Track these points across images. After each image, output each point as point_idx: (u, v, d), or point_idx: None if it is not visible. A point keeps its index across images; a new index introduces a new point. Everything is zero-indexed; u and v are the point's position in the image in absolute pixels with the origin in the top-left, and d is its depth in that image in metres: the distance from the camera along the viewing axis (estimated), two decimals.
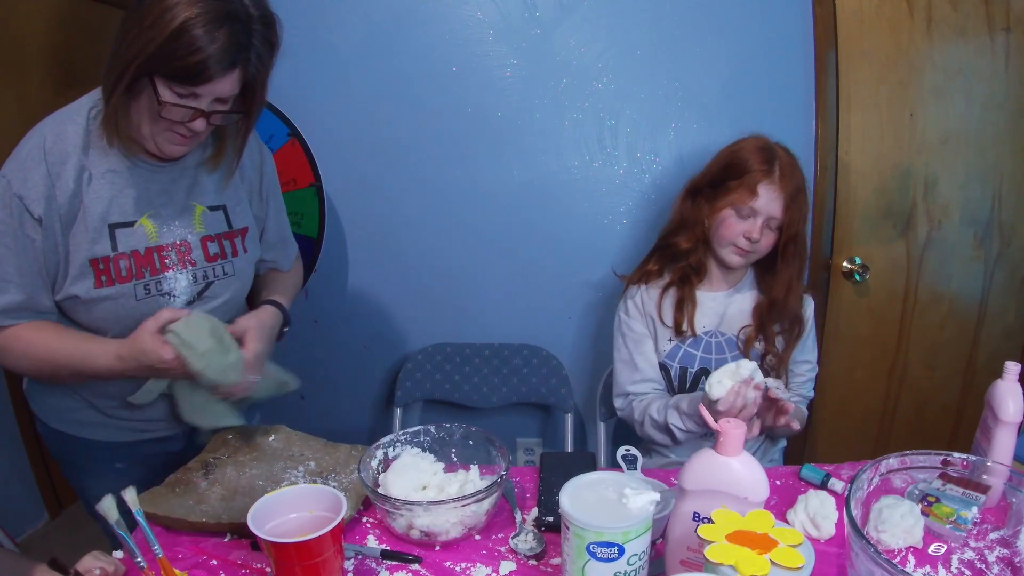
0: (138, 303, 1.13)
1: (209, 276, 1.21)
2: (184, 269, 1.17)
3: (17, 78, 1.98)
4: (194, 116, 1.03)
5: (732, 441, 0.81)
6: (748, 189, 1.36)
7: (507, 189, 1.91)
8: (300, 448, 1.19)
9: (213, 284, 1.21)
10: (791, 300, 1.44)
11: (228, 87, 1.03)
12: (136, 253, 1.12)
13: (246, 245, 1.27)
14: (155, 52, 0.96)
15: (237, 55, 1.00)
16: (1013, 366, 1.07)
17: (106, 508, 0.84)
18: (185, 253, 1.17)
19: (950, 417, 2.12)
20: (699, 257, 1.47)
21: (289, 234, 1.44)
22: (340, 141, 1.89)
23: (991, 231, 1.94)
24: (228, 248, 1.23)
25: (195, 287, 1.19)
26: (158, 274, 1.14)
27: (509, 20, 1.79)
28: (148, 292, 1.14)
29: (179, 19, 0.94)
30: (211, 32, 0.96)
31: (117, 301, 1.11)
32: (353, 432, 2.15)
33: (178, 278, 1.17)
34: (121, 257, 1.10)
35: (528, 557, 0.99)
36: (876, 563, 0.77)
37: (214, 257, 1.21)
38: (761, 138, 1.42)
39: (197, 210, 1.19)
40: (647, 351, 1.50)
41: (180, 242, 1.17)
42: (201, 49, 0.96)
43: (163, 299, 1.15)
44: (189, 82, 0.99)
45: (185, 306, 1.18)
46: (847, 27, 1.80)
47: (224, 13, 0.97)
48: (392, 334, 2.05)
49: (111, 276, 1.10)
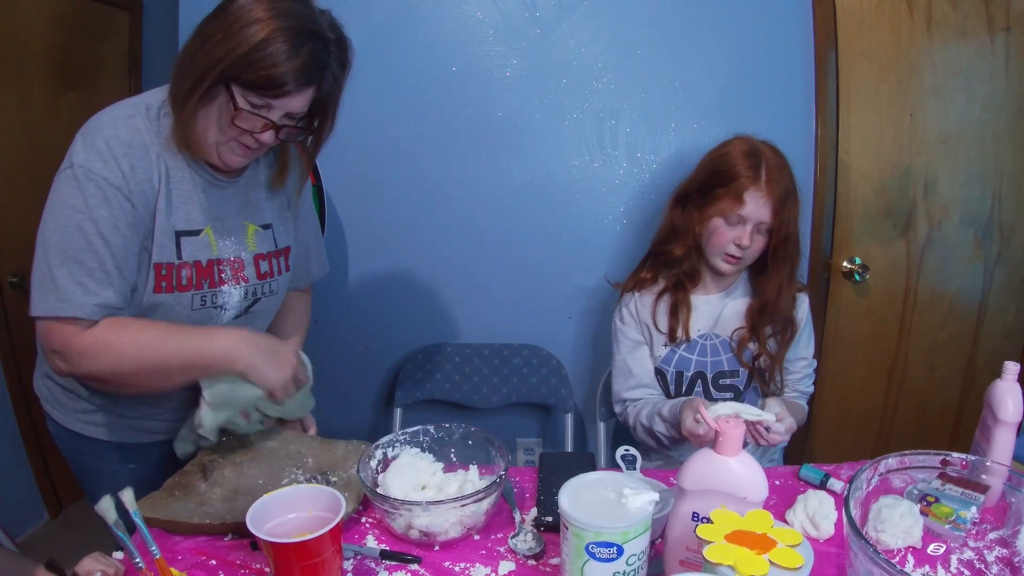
0: (192, 313, 1.13)
1: (258, 293, 1.22)
2: (238, 285, 1.18)
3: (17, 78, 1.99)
4: (264, 127, 1.04)
5: (731, 441, 0.81)
6: (735, 197, 1.35)
7: (507, 189, 1.91)
8: (297, 446, 1.19)
9: (260, 300, 1.23)
10: (782, 302, 1.43)
11: (301, 103, 1.04)
12: (198, 264, 1.12)
13: (288, 264, 1.29)
14: (238, 60, 0.96)
15: (315, 72, 1.02)
16: (1013, 366, 1.07)
17: (104, 509, 0.84)
18: (239, 269, 1.18)
19: (950, 417, 2.12)
20: (692, 263, 1.47)
21: (314, 254, 1.42)
22: (340, 141, 1.87)
23: (991, 231, 1.94)
24: (275, 267, 1.25)
25: (245, 303, 1.21)
26: (215, 287, 1.15)
27: (509, 20, 1.79)
28: (203, 303, 1.14)
29: (266, 31, 0.96)
30: (295, 48, 0.97)
31: (172, 309, 1.11)
32: (353, 432, 2.13)
33: (232, 292, 1.17)
34: (184, 266, 1.10)
35: (527, 557, 0.99)
36: (875, 563, 0.77)
37: (264, 275, 1.23)
38: (747, 140, 1.40)
39: (250, 229, 1.20)
40: (642, 357, 1.50)
41: (234, 258, 1.17)
42: (283, 63, 0.97)
43: (215, 311, 1.16)
44: (267, 93, 1.00)
45: (232, 320, 1.19)
46: (847, 27, 1.80)
47: (308, 31, 0.99)
48: (392, 334, 2.05)
49: (171, 283, 1.09)
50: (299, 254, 1.37)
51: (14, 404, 2.18)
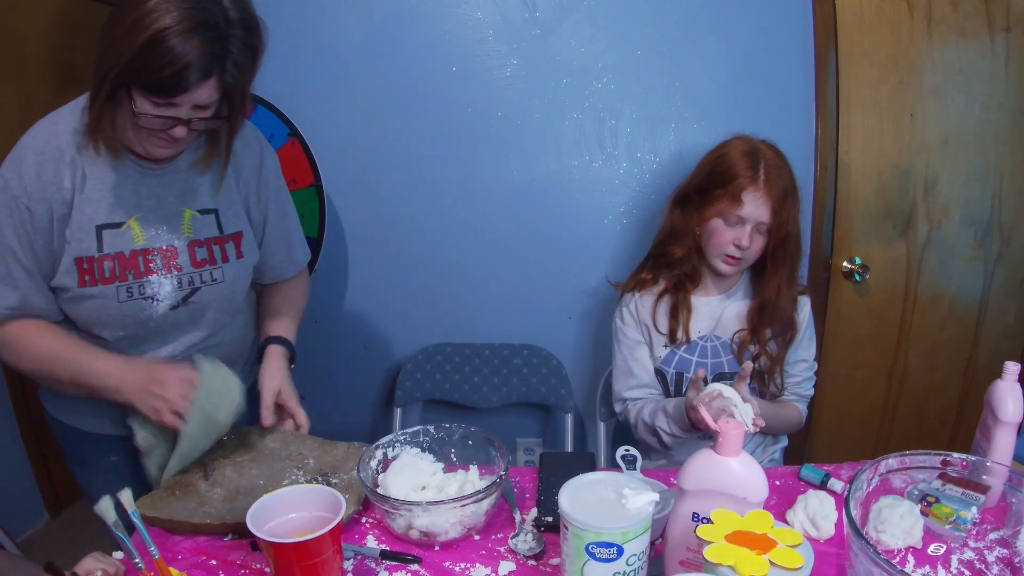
0: (120, 305, 1.13)
1: (195, 282, 1.19)
2: (169, 274, 1.16)
3: (17, 78, 1.99)
4: (173, 124, 1.03)
5: (731, 441, 0.81)
6: (733, 197, 1.34)
7: (507, 189, 1.91)
8: (298, 447, 1.19)
9: (199, 290, 1.20)
10: (781, 303, 1.42)
11: (206, 95, 1.01)
12: (120, 255, 1.12)
13: (241, 250, 1.25)
14: (129, 63, 0.94)
15: (212, 64, 0.98)
16: (1013, 366, 1.06)
17: (104, 509, 0.84)
18: (171, 258, 1.16)
19: (950, 417, 2.12)
20: (693, 264, 1.46)
21: (296, 239, 1.40)
22: (340, 141, 1.89)
23: (991, 231, 1.94)
24: (218, 254, 1.21)
25: (180, 292, 1.18)
26: (141, 277, 1.14)
27: (509, 20, 1.79)
28: (131, 295, 1.13)
29: (151, 29, 0.92)
30: (185, 42, 0.94)
31: (99, 301, 1.12)
32: (353, 432, 2.14)
33: (162, 283, 1.15)
34: (105, 258, 1.11)
35: (527, 557, 0.99)
36: (875, 563, 0.77)
37: (201, 263, 1.19)
38: (745, 140, 1.40)
39: (186, 215, 1.18)
40: (642, 358, 1.50)
41: (167, 247, 1.16)
42: (175, 60, 0.94)
43: (146, 303, 1.15)
44: (165, 93, 0.98)
45: (169, 311, 1.17)
46: (847, 27, 1.80)
47: (198, 22, 0.95)
48: (392, 334, 2.05)
49: (94, 276, 1.10)
50: (277, 238, 1.35)
51: (14, 404, 2.18)
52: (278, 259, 1.37)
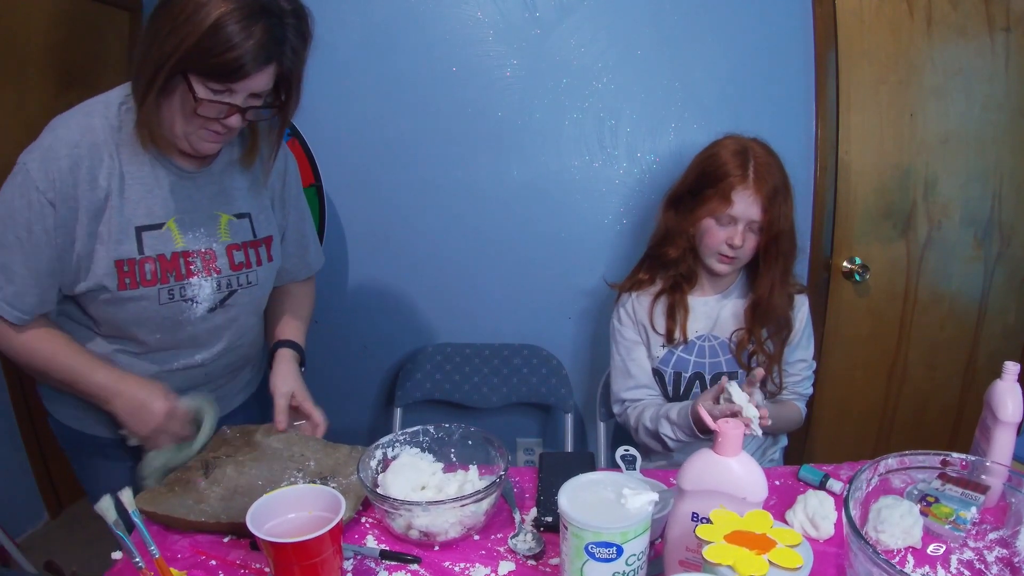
0: (161, 307, 1.13)
1: (233, 285, 1.20)
2: (209, 276, 1.17)
3: (17, 78, 1.99)
4: (229, 112, 1.03)
5: (731, 441, 0.81)
6: (723, 197, 1.34)
7: (507, 189, 1.91)
8: (300, 448, 1.19)
9: (236, 293, 1.21)
10: (775, 300, 1.42)
11: (263, 82, 1.02)
12: (162, 257, 1.12)
13: (271, 254, 1.27)
14: (190, 50, 0.95)
15: (273, 50, 0.99)
16: (1012, 366, 1.06)
17: (104, 508, 0.84)
18: (210, 261, 1.17)
19: (950, 417, 2.12)
20: (689, 265, 1.46)
21: (311, 244, 1.41)
22: (340, 141, 1.89)
23: (991, 231, 1.94)
24: (253, 257, 1.23)
25: (218, 295, 1.19)
26: (183, 280, 1.14)
27: (509, 20, 1.79)
28: (172, 297, 1.14)
29: (213, 15, 0.93)
30: (247, 28, 0.95)
31: (140, 303, 1.12)
32: (353, 432, 2.15)
33: (203, 285, 1.16)
34: (147, 260, 1.10)
35: (527, 557, 0.99)
36: (875, 563, 0.77)
37: (239, 266, 1.21)
38: (736, 139, 1.40)
39: (223, 219, 1.19)
40: (640, 358, 1.50)
41: (205, 250, 1.16)
42: (237, 45, 0.95)
43: (186, 305, 1.15)
44: (225, 79, 0.98)
45: (207, 313, 1.18)
46: (847, 27, 1.80)
47: (258, 8, 0.96)
48: (392, 334, 2.05)
49: (135, 279, 1.10)
50: (295, 242, 1.36)
51: (14, 404, 2.18)
52: (293, 263, 1.38)
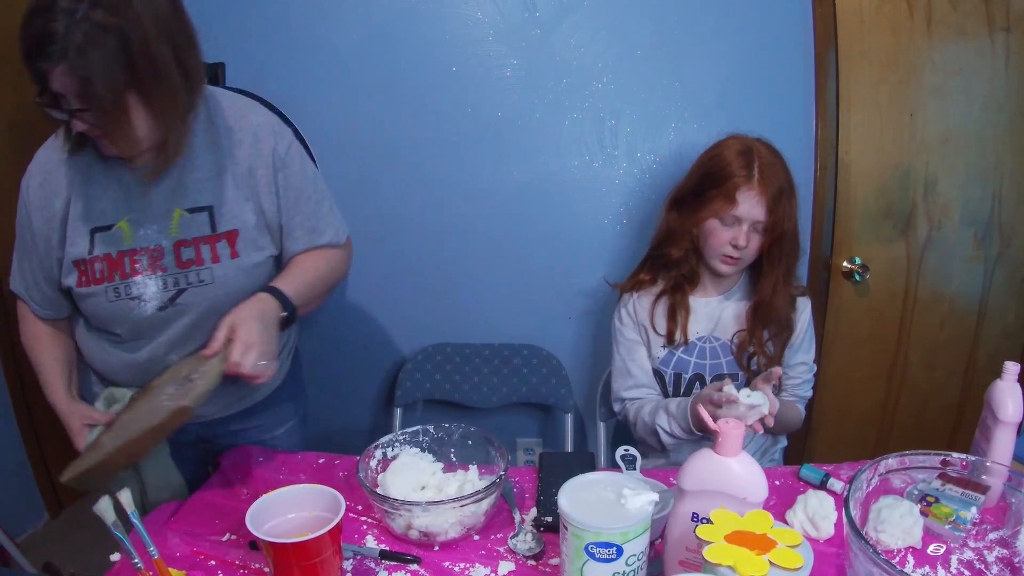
0: (110, 304, 1.15)
1: (180, 283, 1.15)
2: (153, 275, 1.14)
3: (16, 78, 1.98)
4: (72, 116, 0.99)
5: (731, 441, 0.81)
6: (727, 197, 1.34)
7: (507, 189, 1.91)
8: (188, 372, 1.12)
9: (185, 291, 1.16)
10: (777, 301, 1.42)
11: (61, 84, 0.94)
12: (108, 256, 1.13)
13: (236, 249, 1.18)
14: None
15: (43, 50, 0.91)
16: (1012, 366, 1.06)
17: (102, 510, 0.84)
18: (157, 258, 1.14)
19: (950, 417, 2.12)
20: (691, 266, 1.46)
21: (323, 222, 1.28)
22: (340, 141, 1.89)
23: (991, 231, 1.94)
24: (206, 253, 1.16)
25: (165, 294, 1.15)
26: (127, 278, 1.14)
27: (509, 20, 1.79)
28: (118, 295, 1.14)
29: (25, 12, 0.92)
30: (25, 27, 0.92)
31: (94, 300, 1.16)
32: (353, 432, 2.15)
33: (147, 283, 1.14)
34: (96, 260, 1.13)
35: (527, 557, 0.99)
36: (875, 563, 0.77)
37: (187, 263, 1.15)
38: (740, 139, 1.39)
39: (175, 214, 1.15)
40: (640, 358, 1.50)
41: (154, 247, 1.14)
42: (23, 45, 0.92)
43: (133, 303, 1.14)
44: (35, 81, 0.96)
45: (156, 311, 1.16)
46: (847, 27, 1.80)
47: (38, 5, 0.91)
48: (392, 334, 2.05)
49: (88, 277, 1.14)
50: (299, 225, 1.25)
51: (14, 404, 2.18)
52: (300, 246, 1.26)
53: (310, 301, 1.26)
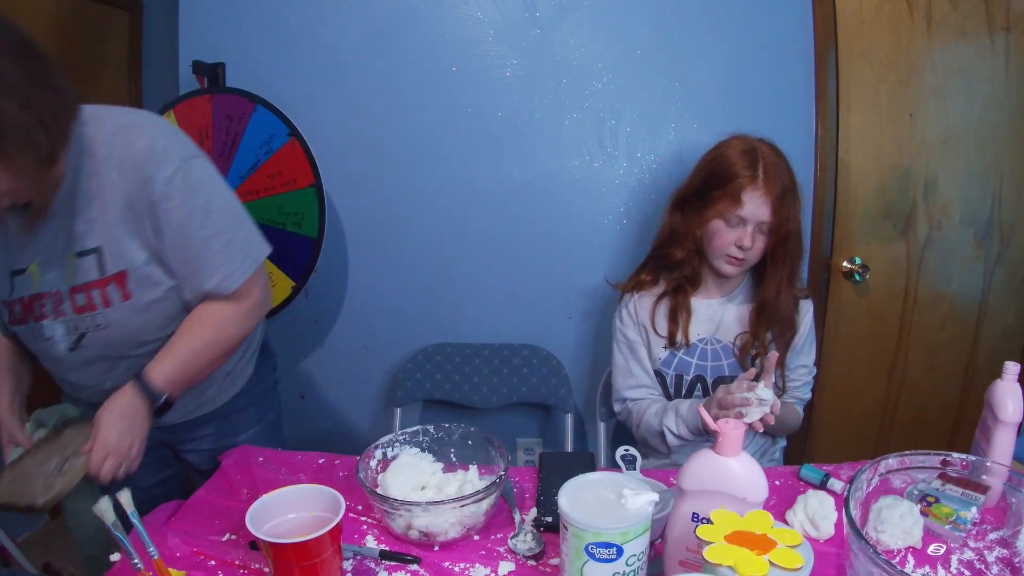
0: (32, 343, 1.18)
1: (80, 328, 1.13)
2: (56, 320, 1.13)
3: None
4: None
5: (731, 441, 0.81)
6: (733, 198, 1.33)
7: (507, 189, 1.91)
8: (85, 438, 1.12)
9: (86, 335, 1.14)
10: (780, 302, 1.41)
11: None
12: (22, 299, 1.14)
13: (127, 291, 1.11)
14: None
15: None
16: (1012, 366, 1.06)
17: (102, 510, 0.84)
18: (59, 303, 1.13)
19: (950, 417, 2.12)
20: (693, 267, 1.45)
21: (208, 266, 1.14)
22: (340, 141, 1.89)
23: (991, 231, 1.94)
24: (98, 299, 1.11)
25: (70, 337, 1.14)
26: (38, 321, 1.15)
27: (509, 20, 1.79)
28: (35, 336, 1.16)
29: None
30: None
31: (21, 336, 1.19)
32: (353, 432, 2.15)
33: (54, 327, 1.14)
34: (15, 302, 1.15)
35: (527, 557, 0.99)
36: (875, 563, 0.77)
37: (81, 309, 1.12)
38: (743, 139, 1.39)
39: (69, 259, 1.11)
40: (641, 358, 1.50)
41: (55, 291, 1.12)
42: None
43: (48, 343, 1.16)
44: None
45: (67, 352, 1.15)
46: (847, 27, 1.80)
47: None
48: (392, 334, 2.05)
49: (12, 317, 1.16)
50: (180, 263, 1.14)
51: None
52: (186, 293, 1.18)
53: (196, 375, 1.19)
